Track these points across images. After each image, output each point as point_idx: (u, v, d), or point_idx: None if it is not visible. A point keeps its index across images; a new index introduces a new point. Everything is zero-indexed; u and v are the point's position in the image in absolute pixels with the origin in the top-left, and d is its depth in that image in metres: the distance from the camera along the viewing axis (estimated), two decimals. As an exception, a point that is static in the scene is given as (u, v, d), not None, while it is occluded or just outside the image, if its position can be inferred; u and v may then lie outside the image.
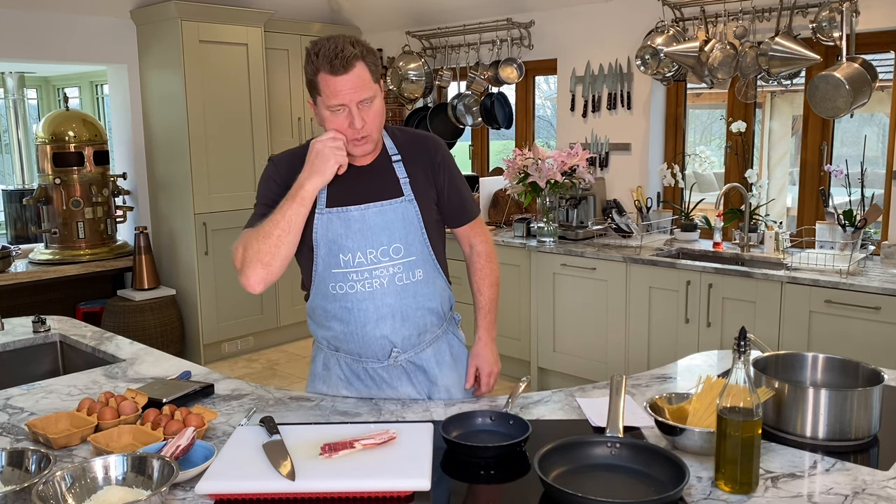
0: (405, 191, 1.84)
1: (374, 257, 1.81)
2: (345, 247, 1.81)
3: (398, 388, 1.92)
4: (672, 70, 4.20)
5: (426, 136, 1.95)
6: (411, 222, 1.83)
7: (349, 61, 1.66)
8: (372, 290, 1.82)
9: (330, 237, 1.82)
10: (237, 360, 5.22)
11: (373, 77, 1.72)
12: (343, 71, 1.66)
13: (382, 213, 1.82)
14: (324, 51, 1.68)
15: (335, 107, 1.70)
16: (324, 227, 1.82)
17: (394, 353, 1.89)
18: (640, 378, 2.03)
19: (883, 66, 3.76)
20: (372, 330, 1.85)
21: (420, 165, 1.87)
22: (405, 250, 1.83)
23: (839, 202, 3.82)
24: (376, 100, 1.73)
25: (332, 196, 1.83)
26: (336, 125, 1.73)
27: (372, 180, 1.84)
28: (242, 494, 1.38)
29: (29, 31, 4.60)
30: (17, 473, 1.43)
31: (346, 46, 1.68)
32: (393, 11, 5.56)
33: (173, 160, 4.97)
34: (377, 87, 1.74)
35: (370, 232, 1.81)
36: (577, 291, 4.17)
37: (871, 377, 1.64)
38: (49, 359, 2.54)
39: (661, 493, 1.33)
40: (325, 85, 1.69)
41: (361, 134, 1.73)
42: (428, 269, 1.88)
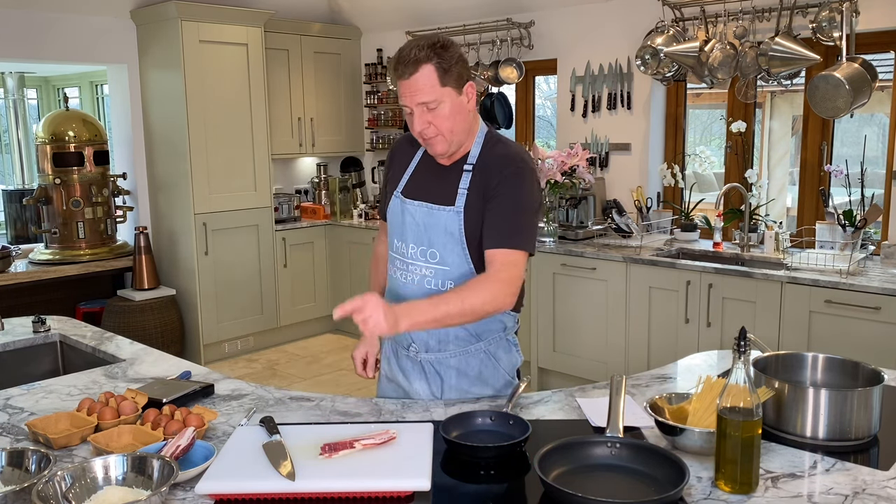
0: (458, 202, 1.82)
1: (414, 253, 1.88)
2: (398, 234, 1.91)
3: (412, 382, 1.95)
4: (672, 70, 4.20)
5: (511, 155, 1.82)
6: (452, 234, 1.82)
7: (410, 65, 1.71)
8: (406, 283, 1.90)
9: (392, 220, 1.93)
10: (237, 360, 5.22)
11: (441, 81, 1.72)
12: (405, 76, 1.72)
13: (429, 214, 1.84)
14: (397, 55, 1.75)
15: (405, 108, 1.77)
16: (392, 209, 1.93)
17: (412, 347, 1.93)
18: (640, 378, 2.03)
19: (883, 66, 3.76)
20: None
21: (483, 181, 1.81)
22: (440, 258, 1.84)
23: (839, 202, 3.82)
24: (445, 104, 1.74)
25: (408, 184, 1.92)
26: (410, 126, 1.80)
27: (441, 182, 1.87)
28: (242, 494, 1.38)
29: (29, 31, 4.60)
30: (17, 473, 1.43)
31: (413, 51, 1.72)
32: (393, 11, 5.56)
33: (173, 160, 4.97)
34: (446, 91, 1.73)
35: (417, 228, 1.86)
36: (577, 291, 4.17)
37: (871, 377, 1.64)
38: (49, 359, 2.54)
39: (661, 493, 1.33)
40: (398, 87, 1.77)
41: (425, 136, 1.78)
42: None
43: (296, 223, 5.60)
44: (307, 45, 5.67)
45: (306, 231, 5.59)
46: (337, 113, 5.95)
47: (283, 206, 5.57)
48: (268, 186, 5.29)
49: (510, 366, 1.97)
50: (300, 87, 5.65)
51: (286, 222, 5.55)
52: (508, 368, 1.96)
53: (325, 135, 5.87)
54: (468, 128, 1.82)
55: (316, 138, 5.79)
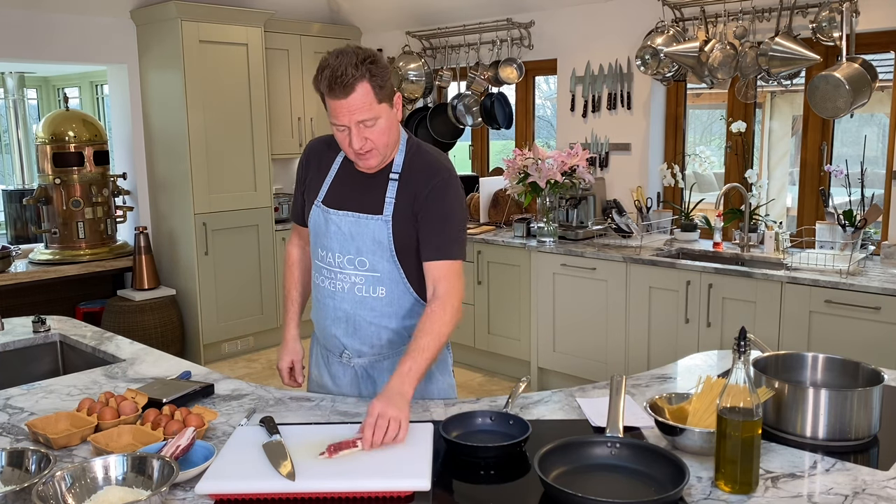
0: (385, 210, 1.82)
1: (341, 262, 1.87)
2: (323, 244, 1.90)
3: (341, 388, 1.99)
4: (672, 70, 4.20)
5: (434, 164, 1.85)
6: (381, 242, 1.82)
7: (348, 85, 1.67)
8: (334, 291, 1.90)
9: (315, 230, 1.91)
10: (237, 360, 5.22)
11: (377, 97, 1.71)
12: (342, 95, 1.68)
13: (357, 224, 1.83)
14: (327, 72, 1.69)
15: (338, 126, 1.75)
16: (313, 218, 1.91)
17: (345, 354, 1.95)
18: (640, 378, 2.03)
19: (883, 66, 3.76)
20: (329, 326, 1.94)
21: (411, 191, 1.81)
22: (370, 265, 1.85)
23: (839, 202, 3.82)
24: (380, 120, 1.73)
25: (328, 193, 1.90)
26: (340, 141, 1.78)
27: (365, 191, 1.86)
28: (242, 494, 1.38)
29: (29, 31, 4.60)
30: (17, 473, 1.43)
31: (347, 69, 1.67)
32: (393, 11, 5.56)
33: (173, 160, 4.97)
34: (382, 108, 1.72)
35: (343, 238, 1.85)
36: (577, 291, 4.17)
37: (871, 377, 1.64)
38: (49, 359, 2.54)
39: (661, 493, 1.33)
40: (329, 106, 1.74)
41: (361, 152, 1.76)
42: (394, 290, 1.85)
43: (296, 223, 5.59)
44: (307, 45, 5.67)
45: (306, 231, 5.58)
46: (337, 113, 5.94)
47: (283, 206, 5.56)
48: (268, 186, 5.29)
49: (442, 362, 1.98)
50: (300, 87, 5.65)
51: (286, 222, 5.54)
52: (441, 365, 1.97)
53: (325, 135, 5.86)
54: (397, 138, 1.84)
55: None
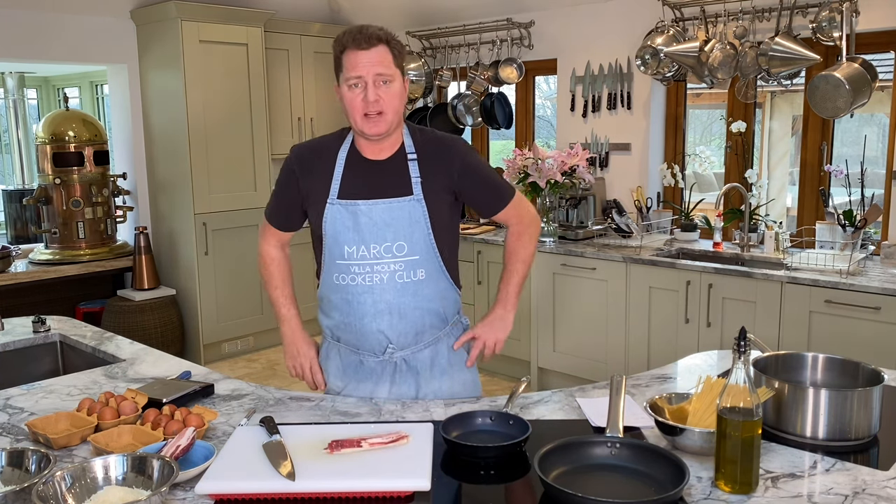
0: (415, 190, 1.85)
1: (376, 252, 1.84)
2: (350, 239, 1.85)
3: (385, 385, 1.94)
4: (672, 70, 4.20)
5: (447, 138, 1.95)
6: (417, 222, 1.84)
7: (372, 39, 1.76)
8: (372, 285, 1.85)
9: (337, 228, 1.86)
10: (237, 360, 5.22)
11: (395, 62, 1.80)
12: (366, 46, 1.76)
13: (389, 209, 1.83)
14: (350, 29, 1.79)
15: (353, 79, 1.78)
16: (332, 217, 1.86)
17: (389, 348, 1.91)
18: (640, 378, 2.03)
19: (883, 66, 3.76)
20: (369, 323, 1.88)
21: (437, 168, 1.88)
22: (408, 248, 1.84)
23: (839, 202, 3.82)
24: (395, 83, 1.80)
25: (343, 188, 1.86)
26: (351, 101, 1.79)
27: (384, 176, 1.86)
28: (242, 494, 1.38)
29: (29, 31, 4.60)
30: (17, 473, 1.43)
31: (371, 28, 1.78)
32: (393, 11, 5.56)
33: (173, 160, 4.97)
34: (398, 72, 1.81)
35: (375, 227, 1.83)
36: (577, 291, 4.17)
37: (872, 377, 1.64)
38: (49, 359, 2.54)
39: (661, 493, 1.33)
40: (347, 59, 1.78)
41: (375, 108, 1.77)
42: (431, 270, 1.88)
43: (296, 223, 5.59)
44: (307, 45, 5.66)
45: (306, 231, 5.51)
46: (337, 113, 5.94)
47: (283, 206, 5.56)
48: (268, 186, 5.29)
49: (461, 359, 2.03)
50: (300, 87, 5.65)
51: (286, 222, 5.54)
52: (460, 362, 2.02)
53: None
54: (402, 117, 1.89)
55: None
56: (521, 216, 2.01)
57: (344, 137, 1.92)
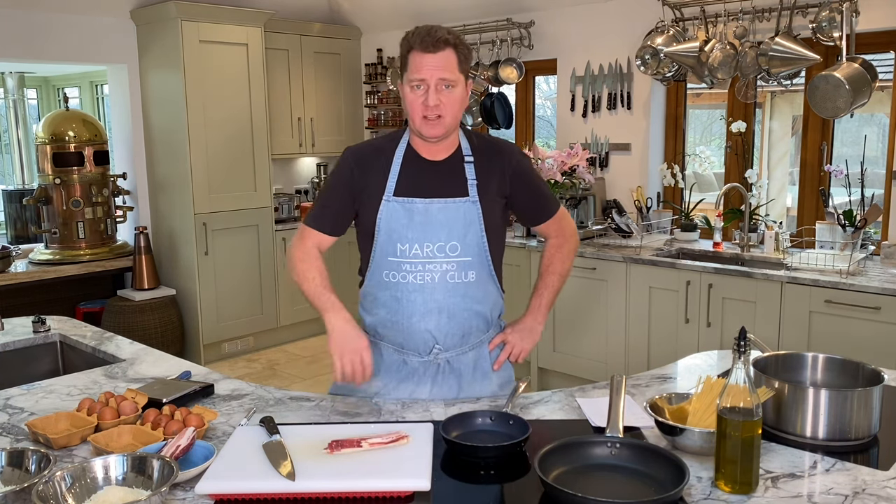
0: (471, 192, 1.86)
1: (430, 251, 1.85)
2: (404, 237, 1.85)
3: (426, 387, 1.93)
4: (672, 70, 4.19)
5: (502, 142, 1.98)
6: (472, 223, 1.86)
7: (439, 42, 1.75)
8: (423, 284, 1.86)
9: (392, 225, 1.86)
10: (237, 360, 5.22)
11: (460, 67, 1.79)
12: (432, 49, 1.75)
13: (445, 209, 1.84)
14: (419, 30, 1.78)
15: (415, 81, 1.78)
16: (388, 214, 1.86)
17: (435, 349, 1.91)
18: (640, 378, 2.03)
19: (883, 66, 3.76)
20: (417, 322, 1.88)
21: (492, 171, 1.90)
22: (462, 249, 1.86)
23: (839, 202, 3.82)
24: (457, 88, 1.80)
25: (400, 186, 1.87)
26: (412, 102, 1.80)
27: (441, 176, 1.88)
28: (242, 494, 1.38)
29: (29, 31, 4.60)
30: (17, 473, 1.43)
31: (441, 31, 1.78)
32: (393, 11, 5.56)
33: (173, 160, 4.97)
34: (461, 78, 1.81)
35: (430, 226, 1.84)
36: (577, 291, 4.17)
37: (872, 377, 1.64)
38: (49, 359, 2.54)
39: (661, 493, 1.33)
40: (413, 61, 1.78)
41: (434, 112, 1.78)
42: (482, 273, 1.90)
43: (296, 223, 5.59)
44: (307, 45, 5.67)
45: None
46: (337, 113, 5.95)
47: (284, 206, 5.57)
48: (268, 186, 5.29)
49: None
50: (300, 87, 5.65)
51: (286, 222, 5.55)
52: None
53: (325, 135, 5.87)
54: (461, 116, 1.89)
55: (316, 138, 5.79)
56: (563, 229, 2.04)
57: (398, 138, 1.92)
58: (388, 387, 1.94)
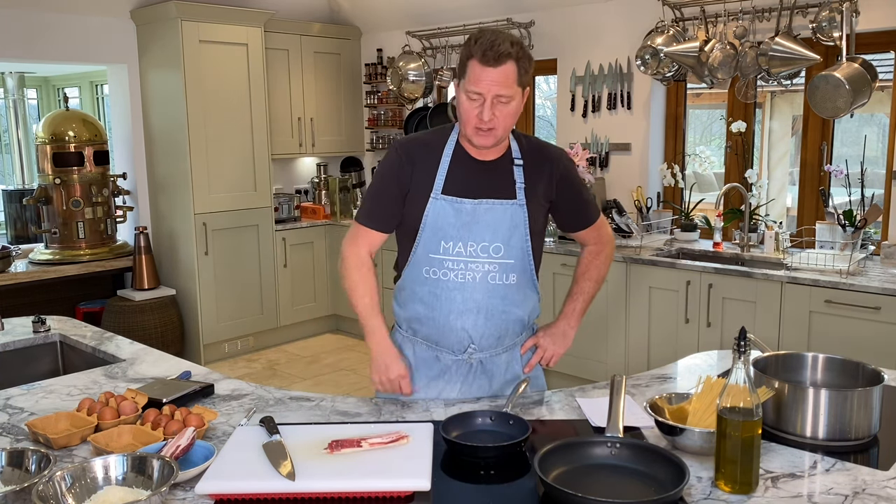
0: (518, 195, 1.86)
1: (473, 251, 1.85)
2: (448, 234, 1.85)
3: (456, 385, 1.93)
4: (672, 70, 4.19)
5: (551, 147, 1.97)
6: (517, 226, 1.86)
7: (501, 57, 1.71)
8: (464, 282, 1.86)
9: (438, 223, 1.85)
10: (237, 360, 5.22)
11: (519, 80, 1.75)
12: (493, 64, 1.71)
13: (492, 210, 1.84)
14: (483, 39, 1.73)
15: (473, 94, 1.75)
16: (435, 212, 1.85)
17: (470, 348, 1.90)
18: (640, 378, 2.03)
19: (883, 66, 3.76)
20: (455, 320, 1.87)
21: (540, 175, 1.89)
22: (505, 251, 1.86)
23: (839, 202, 3.82)
24: (514, 102, 1.77)
25: (448, 184, 1.86)
26: (466, 111, 1.77)
27: (490, 177, 1.87)
28: (242, 494, 1.38)
29: (29, 31, 4.60)
30: (17, 473, 1.43)
31: (504, 42, 1.72)
32: (393, 11, 5.56)
33: (173, 160, 4.97)
34: (519, 91, 1.77)
35: (476, 226, 1.84)
36: (577, 291, 4.16)
37: (872, 377, 1.64)
38: (49, 359, 2.54)
39: (661, 493, 1.33)
40: (472, 71, 1.74)
41: (487, 126, 1.76)
42: (523, 276, 1.90)
43: (296, 223, 5.60)
44: (307, 45, 5.67)
45: (306, 231, 5.59)
46: (337, 113, 5.95)
47: (283, 206, 5.57)
48: (268, 186, 5.29)
49: None
50: (300, 87, 5.65)
51: (286, 222, 5.55)
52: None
53: (325, 135, 5.87)
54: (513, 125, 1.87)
55: (316, 138, 5.79)
56: (601, 236, 2.04)
57: (447, 134, 1.90)
58: (418, 384, 1.94)
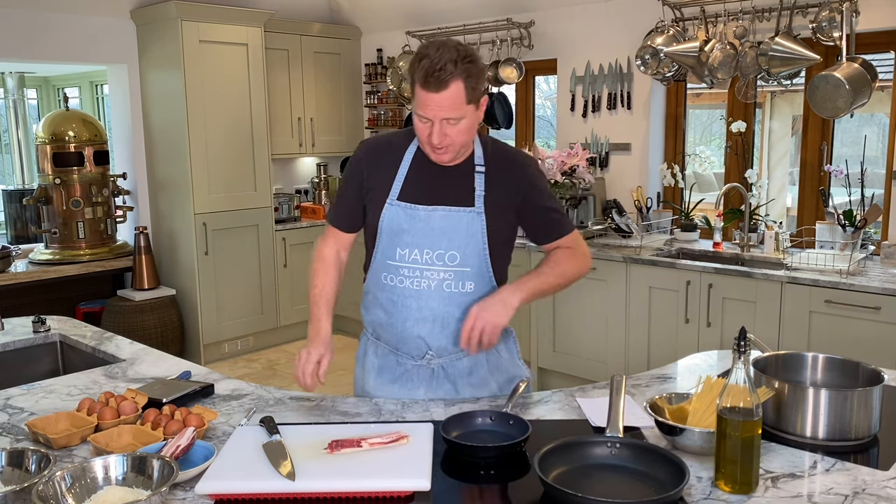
0: (477, 203, 1.83)
1: (429, 258, 1.83)
2: (404, 241, 1.84)
3: (420, 390, 1.92)
4: (672, 70, 4.19)
5: (517, 154, 1.93)
6: (474, 234, 1.82)
7: (444, 81, 1.66)
8: (419, 290, 1.84)
9: (393, 229, 1.84)
10: (237, 360, 5.22)
11: (468, 97, 1.70)
12: (435, 89, 1.67)
13: (448, 217, 1.82)
14: (426, 62, 1.67)
15: (421, 117, 1.73)
16: (390, 218, 1.84)
17: (428, 355, 1.90)
18: (640, 378, 2.03)
19: (883, 66, 3.76)
20: (411, 327, 1.87)
21: (503, 184, 1.85)
22: (461, 259, 1.83)
23: (839, 202, 3.82)
24: (465, 120, 1.73)
25: (405, 190, 1.85)
26: (419, 130, 1.76)
27: (448, 183, 1.84)
28: (242, 494, 1.38)
29: (29, 31, 4.60)
30: (17, 473, 1.43)
31: (447, 64, 1.66)
32: (393, 11, 5.56)
33: (173, 160, 4.97)
34: (470, 108, 1.72)
35: (432, 233, 1.82)
36: (577, 291, 4.17)
37: (872, 377, 1.64)
38: (49, 359, 2.54)
39: (661, 493, 1.33)
40: (418, 95, 1.71)
41: (438, 147, 1.75)
42: (481, 285, 1.86)
43: (296, 223, 5.60)
44: (307, 45, 5.67)
45: (306, 231, 5.59)
46: (337, 113, 5.95)
47: (283, 206, 5.57)
48: (268, 186, 5.29)
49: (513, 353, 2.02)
50: (300, 87, 5.65)
51: (286, 222, 5.55)
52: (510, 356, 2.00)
53: (325, 135, 5.87)
54: (474, 136, 1.84)
55: (316, 138, 5.79)
56: (580, 246, 1.95)
57: (413, 137, 1.87)
58: (383, 388, 1.95)
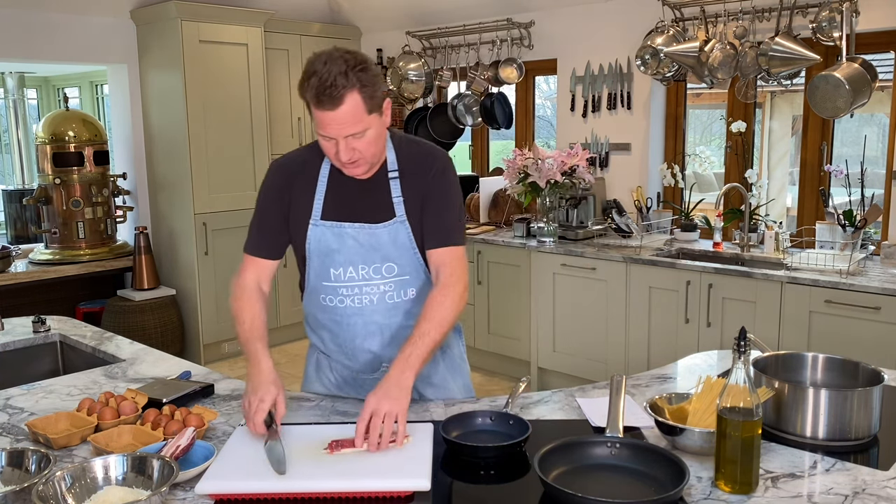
0: (397, 211, 1.77)
1: (365, 274, 1.78)
2: (336, 261, 1.78)
3: None
4: (672, 70, 4.19)
5: (429, 152, 1.83)
6: (403, 244, 1.78)
7: (337, 97, 1.56)
8: (361, 307, 1.81)
9: (322, 249, 1.79)
10: (237, 360, 5.21)
11: (367, 107, 1.61)
12: (330, 107, 1.57)
13: (374, 234, 1.76)
14: (314, 80, 1.57)
15: (324, 136, 1.65)
16: (317, 239, 1.79)
17: (383, 367, 1.87)
18: (640, 378, 2.03)
19: (883, 66, 3.76)
20: (360, 344, 1.85)
21: (416, 183, 1.78)
22: (398, 269, 1.79)
23: (839, 202, 3.82)
24: (370, 130, 1.64)
25: (327, 208, 1.78)
26: (326, 150, 1.68)
27: (366, 197, 1.78)
28: (242, 494, 1.38)
29: (29, 31, 4.60)
30: (17, 473, 1.43)
31: (336, 78, 1.56)
32: (393, 11, 5.56)
33: (173, 160, 4.97)
34: (372, 118, 1.63)
35: (362, 249, 1.77)
36: (577, 291, 4.17)
37: (872, 377, 1.64)
38: (49, 359, 2.54)
39: (661, 493, 1.33)
40: (315, 115, 1.62)
41: (349, 162, 1.67)
42: (422, 288, 1.82)
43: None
44: (307, 45, 5.66)
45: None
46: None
47: (283, 206, 5.56)
48: (268, 186, 5.28)
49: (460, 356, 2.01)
50: (300, 87, 5.65)
51: (286, 222, 5.54)
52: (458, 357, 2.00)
53: (325, 135, 5.86)
54: (385, 144, 1.77)
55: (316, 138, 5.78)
56: (454, 271, 1.76)
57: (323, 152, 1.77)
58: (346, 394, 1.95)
